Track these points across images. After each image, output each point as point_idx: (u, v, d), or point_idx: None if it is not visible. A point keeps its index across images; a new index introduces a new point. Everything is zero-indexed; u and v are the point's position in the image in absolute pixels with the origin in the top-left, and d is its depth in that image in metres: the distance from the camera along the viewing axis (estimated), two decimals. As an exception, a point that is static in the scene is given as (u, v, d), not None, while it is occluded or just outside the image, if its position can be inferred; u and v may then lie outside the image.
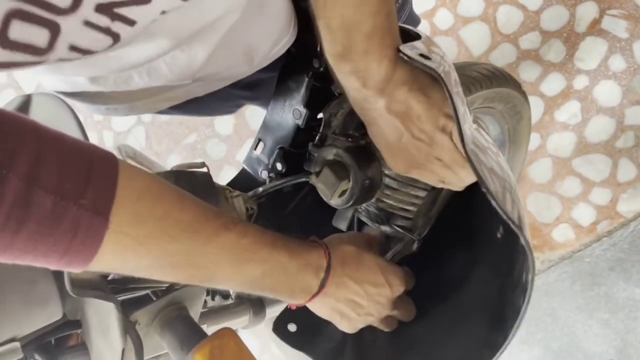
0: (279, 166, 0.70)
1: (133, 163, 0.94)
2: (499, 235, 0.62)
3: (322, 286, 0.56)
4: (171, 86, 0.59)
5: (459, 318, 0.66)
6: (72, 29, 0.38)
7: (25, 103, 0.62)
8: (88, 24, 0.39)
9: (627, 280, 1.40)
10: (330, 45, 0.51)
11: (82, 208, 0.37)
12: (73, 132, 0.54)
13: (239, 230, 0.48)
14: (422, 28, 1.53)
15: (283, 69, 0.68)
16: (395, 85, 0.52)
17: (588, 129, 1.43)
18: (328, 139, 0.64)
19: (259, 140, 0.72)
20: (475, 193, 0.57)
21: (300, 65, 0.66)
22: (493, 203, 0.49)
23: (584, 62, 1.43)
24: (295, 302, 0.57)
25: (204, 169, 0.62)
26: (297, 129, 0.68)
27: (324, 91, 0.66)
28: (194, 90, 0.61)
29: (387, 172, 0.62)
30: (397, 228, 0.65)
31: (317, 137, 0.65)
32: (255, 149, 0.72)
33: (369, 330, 0.65)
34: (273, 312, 0.69)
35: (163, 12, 0.44)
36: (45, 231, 0.36)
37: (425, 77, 0.53)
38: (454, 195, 0.64)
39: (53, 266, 0.39)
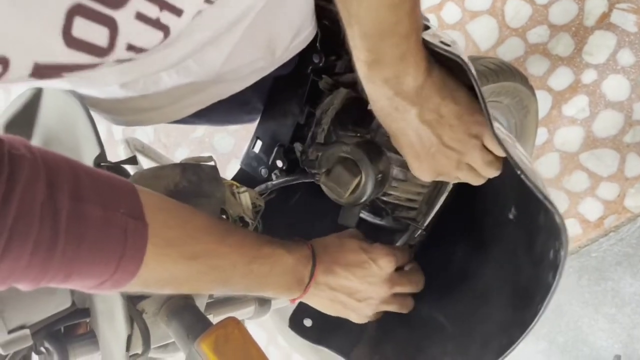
0: (279, 163, 0.69)
1: (141, 156, 0.95)
2: (510, 216, 0.62)
3: (312, 275, 0.58)
4: (196, 88, 0.59)
5: (479, 302, 0.65)
6: (126, 23, 0.39)
7: (36, 96, 0.63)
8: (140, 16, 0.39)
9: (634, 275, 1.39)
10: (363, 53, 0.49)
11: (124, 215, 0.42)
12: (84, 126, 0.55)
13: (240, 232, 0.54)
14: (430, 22, 1.52)
15: None
16: (428, 93, 0.51)
17: (596, 124, 1.43)
18: (324, 136, 0.64)
19: (257, 138, 0.71)
20: None
21: (300, 61, 0.65)
22: (530, 185, 0.49)
23: (592, 56, 1.42)
24: (292, 296, 0.59)
25: (211, 163, 0.63)
26: (297, 125, 0.67)
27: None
28: (218, 93, 0.61)
29: (394, 163, 0.62)
30: (402, 219, 0.65)
31: (308, 136, 0.64)
32: (253, 147, 0.72)
33: (387, 318, 0.65)
34: (278, 303, 0.70)
35: (207, 1, 0.44)
36: (102, 238, 0.40)
37: (452, 81, 0.52)
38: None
39: (108, 278, 0.42)
